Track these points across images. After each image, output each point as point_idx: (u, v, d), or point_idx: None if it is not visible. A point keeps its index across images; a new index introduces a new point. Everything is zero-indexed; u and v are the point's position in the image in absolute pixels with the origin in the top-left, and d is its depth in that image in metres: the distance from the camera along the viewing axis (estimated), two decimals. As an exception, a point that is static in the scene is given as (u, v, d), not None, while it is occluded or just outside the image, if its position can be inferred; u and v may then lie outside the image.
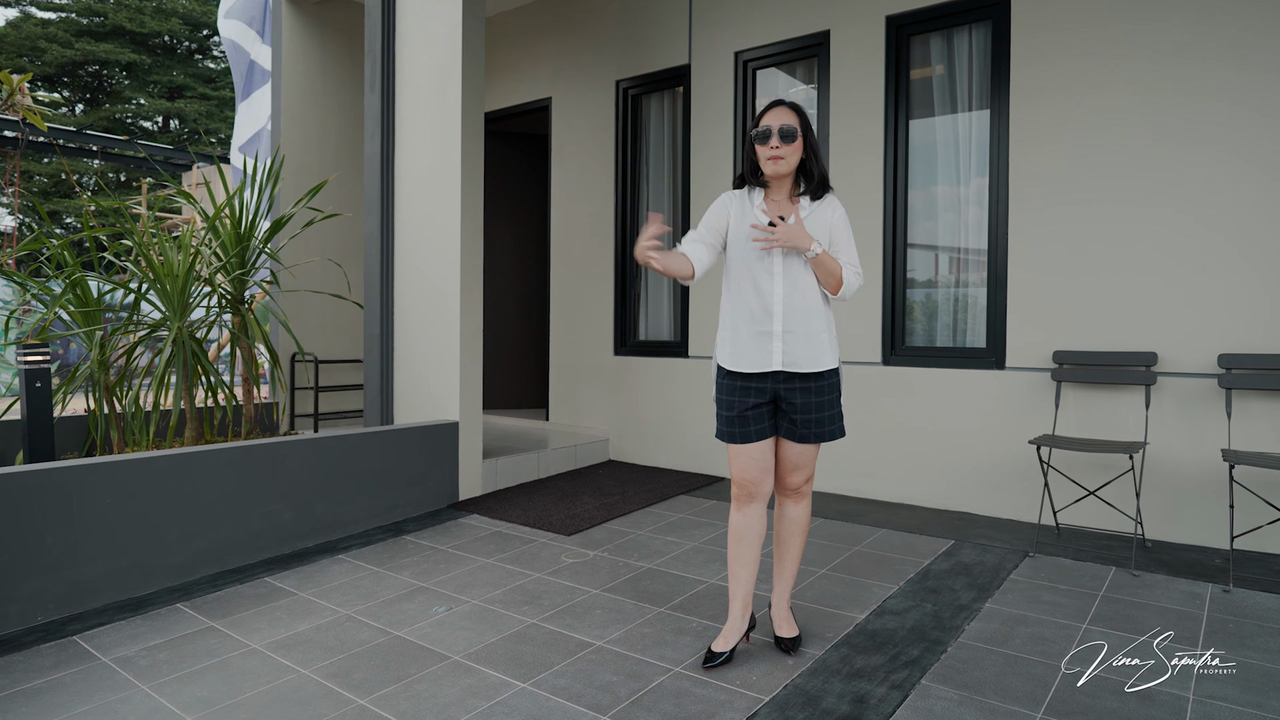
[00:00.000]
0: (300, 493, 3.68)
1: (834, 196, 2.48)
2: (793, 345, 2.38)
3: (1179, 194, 3.59)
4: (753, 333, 2.41)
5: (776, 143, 2.36)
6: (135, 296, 4.13)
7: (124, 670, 2.45)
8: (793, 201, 2.46)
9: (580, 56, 5.90)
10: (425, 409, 4.59)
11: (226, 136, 22.04)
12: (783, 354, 2.38)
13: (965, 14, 4.16)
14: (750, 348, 2.41)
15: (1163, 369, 3.63)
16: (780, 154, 2.37)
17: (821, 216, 2.43)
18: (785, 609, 2.63)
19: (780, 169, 2.39)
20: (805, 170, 2.45)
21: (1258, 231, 3.43)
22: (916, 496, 4.33)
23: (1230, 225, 3.49)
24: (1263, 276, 3.42)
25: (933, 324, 4.42)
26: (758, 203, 2.46)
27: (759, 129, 2.40)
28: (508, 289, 6.91)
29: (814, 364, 2.39)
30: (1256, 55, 3.41)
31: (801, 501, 2.58)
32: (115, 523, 3.03)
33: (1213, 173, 3.52)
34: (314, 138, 6.16)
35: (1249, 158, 3.44)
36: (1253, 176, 3.43)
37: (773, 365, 2.39)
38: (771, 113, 2.41)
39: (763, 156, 2.40)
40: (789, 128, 2.36)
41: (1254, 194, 3.43)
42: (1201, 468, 3.54)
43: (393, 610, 2.93)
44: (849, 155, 4.53)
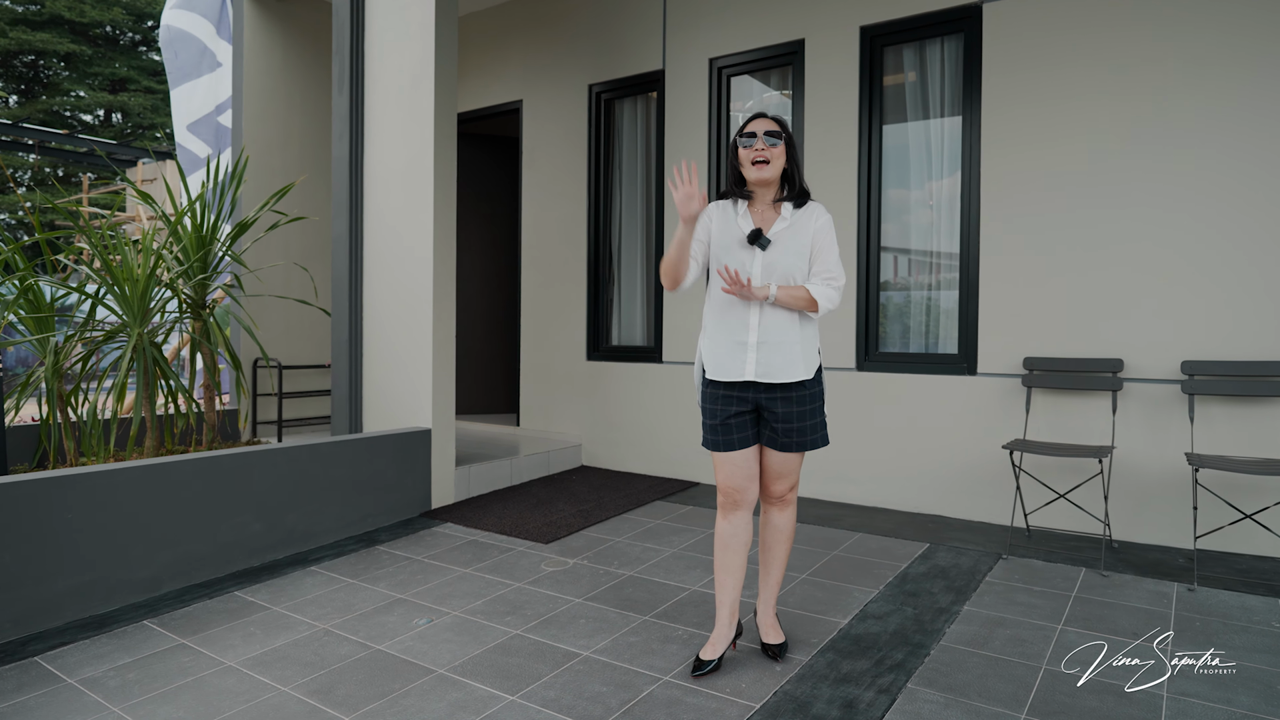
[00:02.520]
0: (270, 503, 3.58)
1: (819, 205, 2.49)
2: (766, 356, 2.39)
3: (1145, 205, 3.71)
4: (729, 342, 2.42)
5: (761, 144, 2.38)
6: (92, 301, 3.98)
7: (92, 692, 2.34)
8: (775, 210, 2.46)
9: (552, 59, 5.87)
10: (396, 416, 4.51)
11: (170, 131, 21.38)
12: (756, 364, 2.39)
13: (938, 26, 4.25)
14: (726, 357, 2.43)
15: (1129, 375, 3.74)
16: (765, 155, 2.38)
17: (804, 225, 2.44)
18: (771, 616, 2.64)
19: (765, 174, 2.39)
20: (787, 178, 2.46)
21: (1220, 242, 3.55)
22: (891, 500, 4.39)
23: (1193, 237, 3.61)
24: (1224, 286, 3.55)
25: (906, 330, 4.49)
26: (741, 212, 2.46)
27: (744, 133, 2.42)
28: (476, 293, 6.84)
29: (788, 375, 2.39)
30: (1218, 70, 3.54)
31: (786, 509, 2.59)
32: (77, 538, 2.91)
33: (1176, 186, 3.64)
34: (276, 138, 6.02)
35: (1212, 171, 3.57)
36: (1215, 190, 3.56)
37: (745, 375, 2.40)
38: (755, 121, 2.45)
39: (746, 160, 2.41)
40: (774, 131, 2.40)
41: (1216, 206, 3.56)
42: (1165, 470, 3.66)
43: (371, 623, 2.86)
44: (823, 162, 4.58)
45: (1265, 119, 3.45)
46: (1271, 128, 3.44)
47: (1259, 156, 3.46)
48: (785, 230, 2.42)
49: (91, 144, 10.71)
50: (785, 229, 2.42)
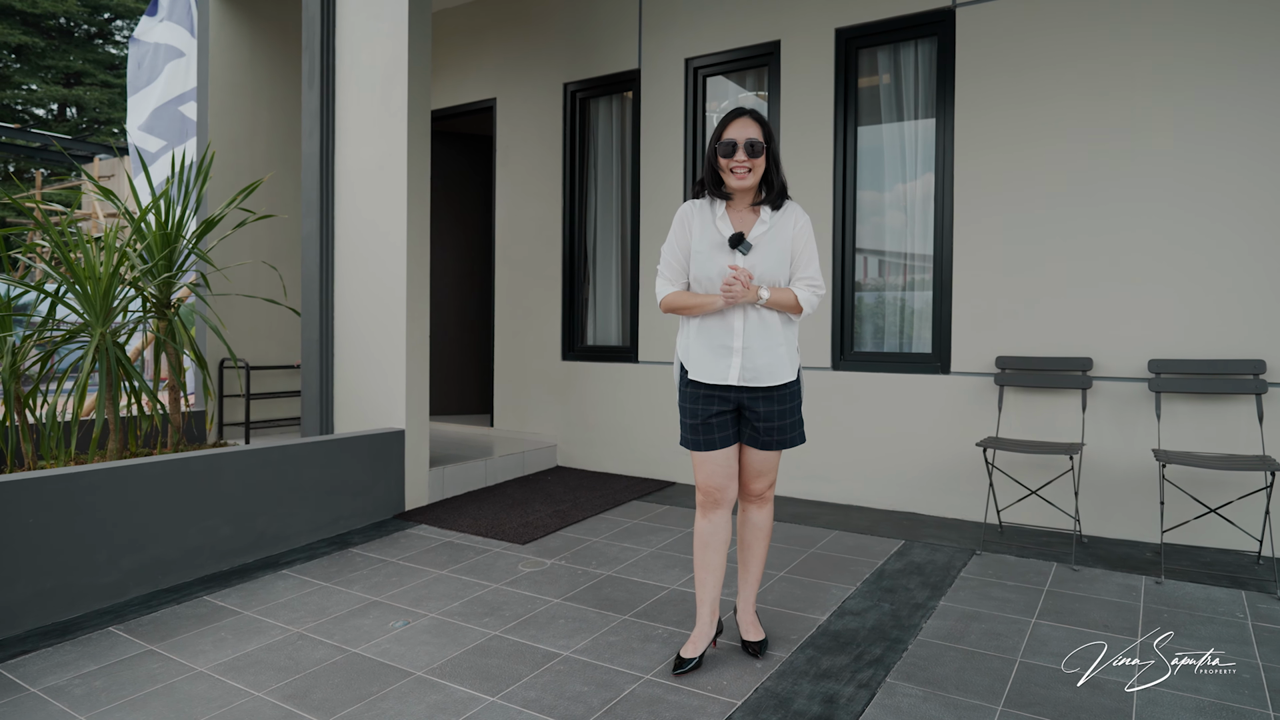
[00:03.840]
0: (240, 506, 3.50)
1: (796, 205, 2.47)
2: (751, 360, 2.38)
3: (1113, 208, 3.79)
4: (712, 346, 2.40)
5: (743, 157, 2.33)
6: (52, 300, 3.86)
7: (57, 701, 2.27)
8: (754, 212, 2.44)
9: (526, 58, 5.83)
10: (368, 417, 4.44)
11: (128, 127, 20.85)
12: (741, 369, 2.38)
13: (912, 29, 4.30)
14: (710, 360, 2.41)
15: (1098, 374, 3.82)
16: (747, 167, 2.34)
17: (783, 228, 2.41)
18: (751, 613, 2.64)
19: (747, 182, 2.36)
20: (766, 180, 2.42)
21: (1185, 244, 3.64)
22: (866, 498, 4.43)
23: (1159, 238, 3.70)
24: (1189, 287, 3.64)
25: (880, 330, 4.54)
26: (719, 214, 2.43)
27: (723, 141, 2.35)
28: (449, 292, 6.77)
29: (773, 378, 2.40)
30: (1184, 80, 3.63)
31: (764, 506, 2.59)
32: (38, 542, 2.81)
33: (1143, 189, 3.72)
34: (243, 134, 5.90)
35: (1177, 175, 3.66)
36: (1180, 193, 3.65)
37: (730, 379, 2.38)
38: (736, 124, 2.36)
39: (726, 169, 2.36)
40: (755, 142, 2.33)
41: (1181, 209, 3.65)
42: (1133, 466, 3.74)
43: (346, 626, 2.81)
44: (799, 162, 4.61)
45: (1229, 125, 3.54)
46: (1235, 133, 3.53)
47: (1222, 161, 3.56)
48: (766, 234, 2.39)
49: (47, 139, 10.40)
50: (765, 232, 2.40)
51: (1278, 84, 3.45)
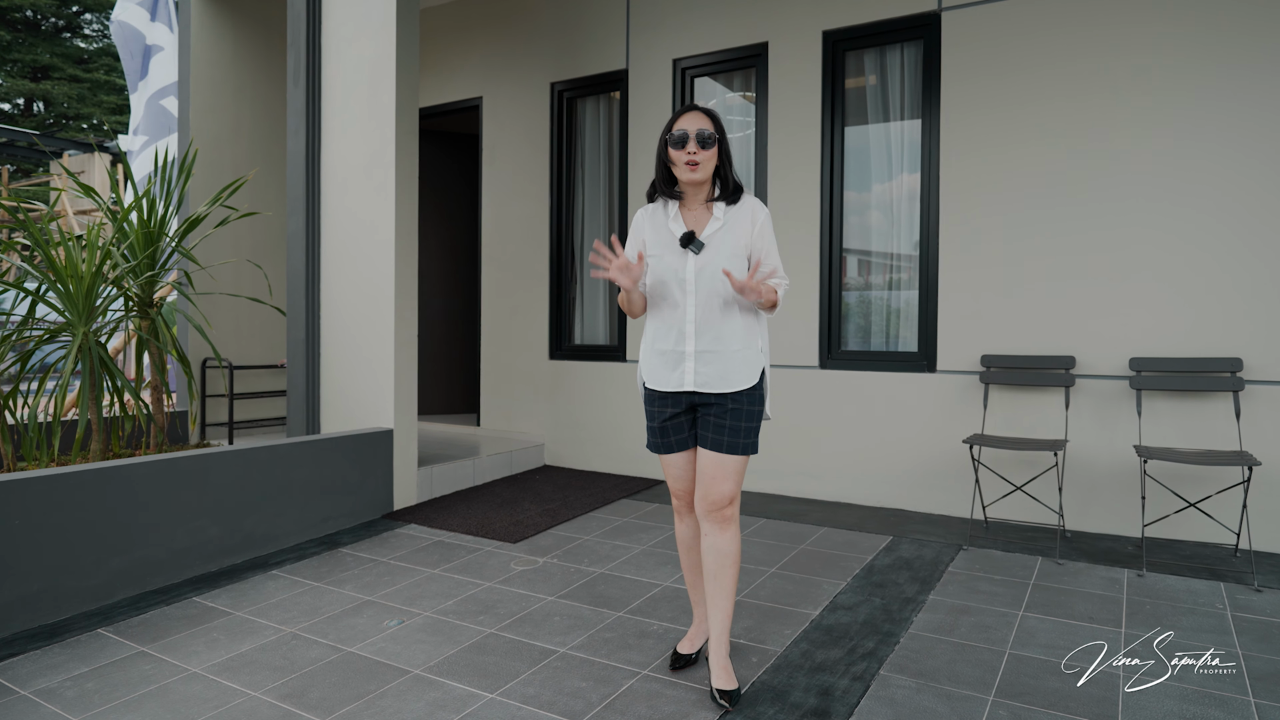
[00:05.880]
0: (228, 507, 3.47)
1: (753, 199, 2.38)
2: (705, 365, 2.29)
3: (1094, 209, 3.87)
4: (666, 351, 2.34)
5: (694, 148, 2.27)
6: (32, 298, 3.79)
7: (49, 703, 2.24)
8: (707, 209, 2.37)
9: (513, 56, 5.83)
10: (355, 416, 4.42)
11: (99, 122, 20.48)
12: (694, 374, 2.30)
13: (898, 32, 4.35)
14: (662, 367, 2.34)
15: (1081, 371, 3.89)
16: (697, 159, 2.27)
17: (738, 222, 2.32)
18: (723, 656, 2.32)
19: (697, 176, 2.28)
20: (720, 175, 2.35)
21: (1165, 244, 3.73)
22: (854, 495, 4.48)
23: (1140, 239, 3.77)
24: (1169, 286, 3.72)
25: (867, 329, 4.59)
26: (673, 214, 2.37)
27: (674, 133, 2.29)
28: (435, 291, 6.74)
29: (726, 384, 2.29)
30: (1162, 83, 3.71)
31: (727, 529, 2.31)
32: (23, 545, 2.77)
33: (1125, 190, 3.80)
34: (226, 131, 5.83)
35: (1158, 176, 3.74)
36: (1160, 194, 3.73)
37: (684, 386, 2.31)
38: (686, 117, 2.30)
39: (678, 161, 2.29)
40: (706, 133, 2.26)
41: (1161, 210, 3.73)
42: (1115, 462, 3.81)
43: (340, 626, 2.79)
44: (786, 163, 4.65)
45: (1207, 127, 3.63)
46: (1214, 135, 3.62)
47: (1201, 162, 3.64)
48: (719, 231, 2.31)
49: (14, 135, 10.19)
50: (719, 230, 2.32)
51: (1256, 86, 3.54)
